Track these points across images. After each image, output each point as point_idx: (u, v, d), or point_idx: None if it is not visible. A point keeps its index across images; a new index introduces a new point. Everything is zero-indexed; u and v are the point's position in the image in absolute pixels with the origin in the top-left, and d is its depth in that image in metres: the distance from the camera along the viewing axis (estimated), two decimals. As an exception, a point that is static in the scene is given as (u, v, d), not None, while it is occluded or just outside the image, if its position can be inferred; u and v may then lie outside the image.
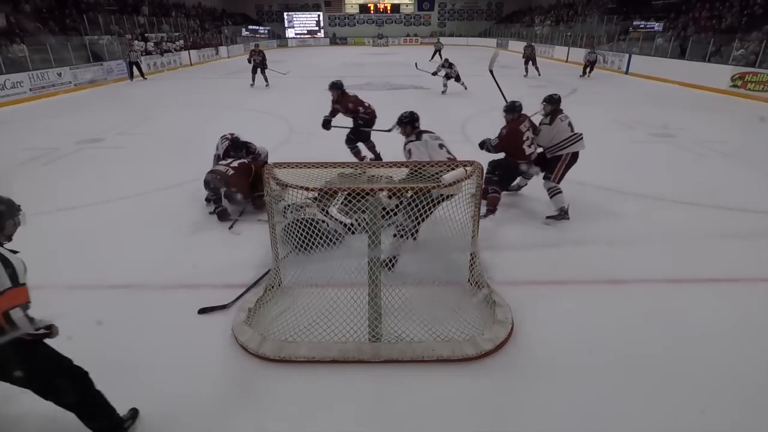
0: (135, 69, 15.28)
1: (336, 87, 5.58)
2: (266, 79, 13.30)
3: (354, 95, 5.74)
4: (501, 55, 14.03)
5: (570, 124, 4.25)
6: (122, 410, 2.19)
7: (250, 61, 13.24)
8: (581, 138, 4.21)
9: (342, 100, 5.62)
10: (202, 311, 2.89)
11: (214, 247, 3.79)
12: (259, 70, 13.17)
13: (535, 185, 5.19)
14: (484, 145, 4.37)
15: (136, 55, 15.36)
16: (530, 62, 15.53)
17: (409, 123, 3.60)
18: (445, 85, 11.80)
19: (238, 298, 2.98)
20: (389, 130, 4.75)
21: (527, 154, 4.17)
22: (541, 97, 4.40)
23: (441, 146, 3.38)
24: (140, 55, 16.03)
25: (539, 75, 15.25)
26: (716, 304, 3.00)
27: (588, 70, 15.49)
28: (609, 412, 2.18)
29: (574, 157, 4.23)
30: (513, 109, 4.23)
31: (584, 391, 2.29)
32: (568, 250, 3.68)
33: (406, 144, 3.47)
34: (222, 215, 4.17)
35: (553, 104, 4.29)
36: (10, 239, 1.85)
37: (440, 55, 21.58)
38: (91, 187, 5.22)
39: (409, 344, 2.51)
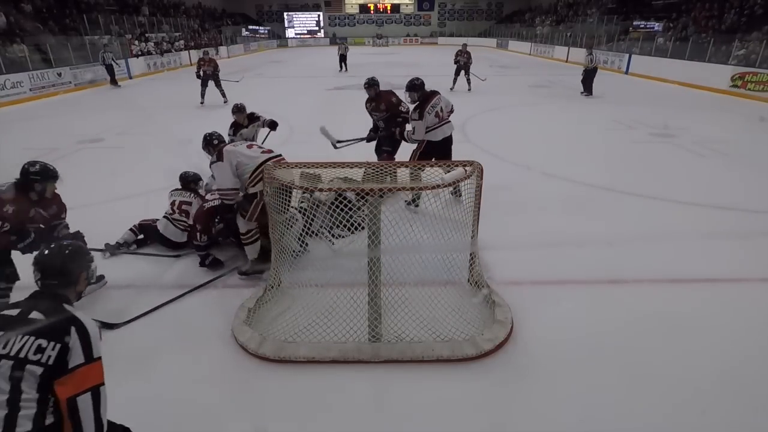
0: (120, 72, 13.79)
1: None
2: (223, 94, 10.70)
3: None
4: (499, 55, 14.03)
5: (438, 114, 4.22)
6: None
7: (198, 75, 10.57)
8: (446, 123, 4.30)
9: None
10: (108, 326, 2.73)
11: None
12: (212, 83, 10.63)
13: (534, 185, 5.20)
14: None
15: (111, 56, 13.47)
16: (463, 72, 12.11)
17: (208, 145, 3.39)
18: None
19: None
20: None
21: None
22: (542, 98, 4.40)
23: (251, 146, 3.27)
24: (114, 58, 13.83)
25: (469, 90, 12.08)
26: (716, 304, 3.00)
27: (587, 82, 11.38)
28: (609, 412, 2.18)
29: (431, 145, 4.25)
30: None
31: (584, 391, 2.29)
32: (568, 250, 3.68)
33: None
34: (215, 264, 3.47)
35: (417, 91, 4.23)
36: (80, 297, 1.54)
37: (345, 64, 17.63)
38: (91, 187, 5.22)
39: (408, 344, 2.51)
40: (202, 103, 10.61)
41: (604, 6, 23.40)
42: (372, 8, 40.27)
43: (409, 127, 4.33)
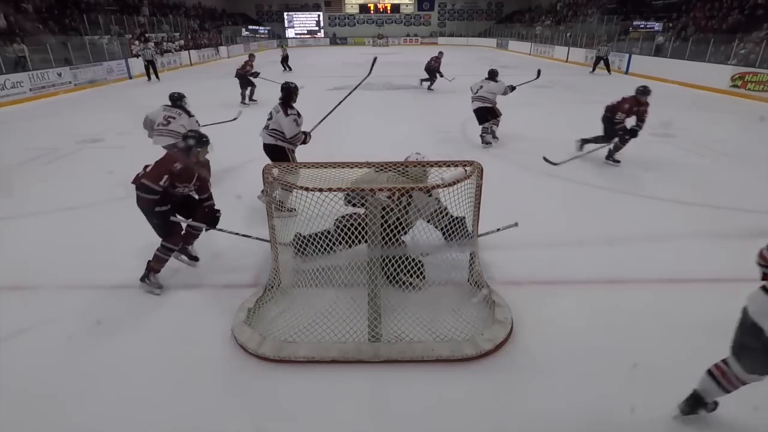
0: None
1: None
2: None
3: None
4: (499, 55, 13.98)
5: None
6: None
7: None
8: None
9: None
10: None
11: (215, 247, 3.79)
12: None
13: (534, 185, 5.20)
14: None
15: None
16: (248, 88, 10.13)
17: None
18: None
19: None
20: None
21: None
22: (542, 98, 4.40)
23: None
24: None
25: (254, 100, 10.17)
26: (716, 304, 2.99)
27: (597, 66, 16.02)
28: (608, 412, 2.18)
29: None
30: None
31: (584, 391, 2.29)
32: (568, 250, 3.68)
33: None
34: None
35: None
36: None
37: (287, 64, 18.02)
38: (91, 187, 5.22)
39: (408, 344, 2.51)
40: None
41: (604, 6, 23.41)
42: (372, 8, 40.28)
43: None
